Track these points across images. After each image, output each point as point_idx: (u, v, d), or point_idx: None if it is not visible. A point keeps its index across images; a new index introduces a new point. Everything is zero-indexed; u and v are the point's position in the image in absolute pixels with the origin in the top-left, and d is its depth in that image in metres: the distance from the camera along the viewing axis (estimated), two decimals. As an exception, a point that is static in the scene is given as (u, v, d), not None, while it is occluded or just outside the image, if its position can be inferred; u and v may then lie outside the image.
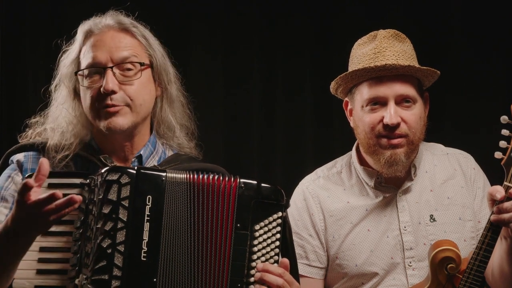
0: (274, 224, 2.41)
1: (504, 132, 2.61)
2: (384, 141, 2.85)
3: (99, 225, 2.31)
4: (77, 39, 2.64)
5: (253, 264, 2.39)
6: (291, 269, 2.45)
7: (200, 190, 2.39)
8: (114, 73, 2.55)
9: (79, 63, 2.61)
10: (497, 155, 2.61)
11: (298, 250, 2.94)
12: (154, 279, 2.32)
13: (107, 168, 2.36)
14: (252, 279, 2.39)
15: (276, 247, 2.42)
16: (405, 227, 2.93)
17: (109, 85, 2.53)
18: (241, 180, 2.42)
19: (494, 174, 2.80)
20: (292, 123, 4.23)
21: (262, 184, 2.43)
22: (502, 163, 2.61)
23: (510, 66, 4.14)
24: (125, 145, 2.64)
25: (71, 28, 2.69)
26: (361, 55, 2.89)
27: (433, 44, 4.11)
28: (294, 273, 2.47)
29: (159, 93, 2.69)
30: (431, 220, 2.93)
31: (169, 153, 2.73)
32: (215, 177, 2.41)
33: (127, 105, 2.56)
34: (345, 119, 3.04)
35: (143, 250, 2.32)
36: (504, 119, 2.59)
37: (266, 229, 2.41)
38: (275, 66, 4.25)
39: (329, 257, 2.99)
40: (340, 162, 3.11)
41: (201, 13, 4.21)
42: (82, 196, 2.35)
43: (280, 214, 2.42)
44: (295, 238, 2.83)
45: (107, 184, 2.32)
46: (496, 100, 4.00)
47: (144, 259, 2.32)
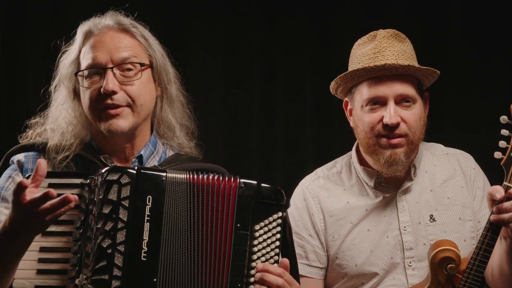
0: (274, 224, 2.41)
1: (504, 132, 2.61)
2: (384, 141, 2.85)
3: (99, 225, 2.31)
4: (77, 40, 2.64)
5: (253, 264, 2.39)
6: (291, 269, 2.45)
7: (200, 190, 2.39)
8: (114, 74, 2.55)
9: (79, 64, 2.60)
10: (497, 155, 2.62)
11: (298, 250, 2.93)
12: (154, 279, 2.32)
13: (107, 168, 2.36)
14: (252, 279, 2.39)
15: (276, 247, 2.42)
16: (405, 227, 2.93)
17: (109, 86, 2.53)
18: (241, 180, 2.42)
19: (494, 174, 2.79)
20: (292, 123, 4.23)
21: (262, 184, 2.43)
22: (502, 163, 2.61)
23: (510, 66, 4.14)
24: (126, 146, 2.64)
25: (71, 28, 2.69)
26: (361, 55, 2.89)
27: (433, 44, 4.11)
28: (294, 273, 2.47)
29: (159, 93, 2.69)
30: (431, 220, 2.93)
31: (170, 153, 2.73)
32: (215, 177, 2.41)
33: (128, 106, 2.56)
34: (345, 119, 3.04)
35: (143, 250, 2.32)
36: (504, 119, 2.59)
37: (266, 229, 2.41)
38: (275, 66, 4.25)
39: (329, 257, 2.99)
40: (340, 162, 3.11)
41: (201, 13, 4.21)
42: (82, 196, 2.37)
43: (280, 214, 2.42)
44: (295, 238, 2.82)
45: (107, 184, 2.32)
46: (496, 100, 3.99)
47: (144, 259, 2.32)
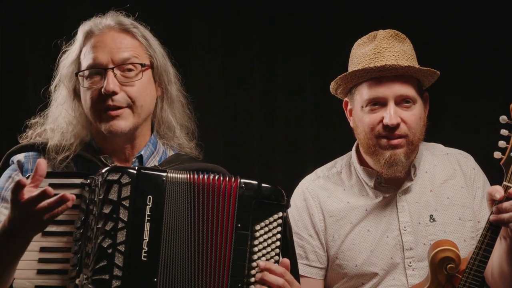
0: (275, 224, 2.41)
1: (504, 132, 2.61)
2: (384, 142, 2.85)
3: (100, 225, 2.30)
4: (77, 40, 2.64)
5: (254, 264, 2.39)
6: (292, 269, 2.44)
7: (201, 190, 2.39)
8: (115, 74, 2.55)
9: (80, 64, 2.60)
10: (497, 155, 2.62)
11: (298, 250, 2.93)
12: (155, 279, 2.32)
13: (108, 168, 2.36)
14: (253, 279, 2.38)
15: (277, 247, 2.41)
16: (405, 227, 2.93)
17: (110, 86, 2.53)
18: (242, 180, 2.42)
19: (494, 174, 2.80)
20: (292, 123, 4.23)
21: (263, 184, 2.43)
22: (502, 163, 2.62)
23: (510, 66, 4.14)
24: (126, 146, 2.64)
25: (71, 28, 2.69)
26: (361, 56, 2.89)
27: (433, 44, 4.11)
28: (295, 273, 2.47)
29: (159, 94, 2.69)
30: (431, 220, 2.93)
31: (170, 153, 2.73)
32: (216, 177, 2.41)
33: (129, 106, 2.56)
34: (345, 119, 3.04)
35: (144, 250, 2.32)
36: (504, 119, 2.59)
37: (267, 229, 2.41)
38: (275, 66, 4.25)
39: (329, 257, 2.99)
40: (340, 162, 3.12)
41: (201, 13, 4.21)
42: (83, 196, 2.37)
43: (281, 214, 2.42)
44: (295, 238, 2.82)
45: (108, 184, 2.32)
46: (496, 100, 3.99)
47: (145, 259, 2.32)
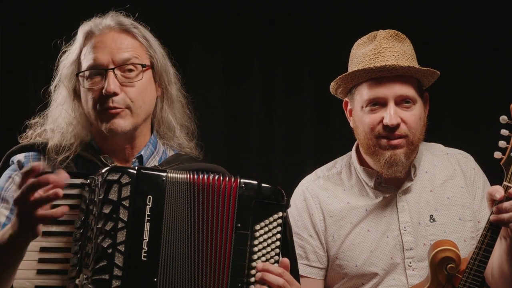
0: (275, 224, 2.41)
1: (504, 132, 2.61)
2: (384, 142, 2.85)
3: (100, 225, 2.30)
4: (78, 40, 2.63)
5: (254, 264, 2.39)
6: (292, 269, 2.44)
7: (201, 190, 2.39)
8: (116, 75, 2.55)
9: (80, 64, 2.60)
10: (497, 155, 2.62)
11: (298, 251, 2.93)
12: (155, 279, 2.32)
13: (108, 168, 2.36)
14: (253, 279, 2.38)
15: (277, 247, 2.41)
16: (405, 228, 2.93)
17: (111, 87, 2.52)
18: (242, 180, 2.42)
19: (494, 174, 2.80)
20: (292, 123, 4.23)
21: (263, 184, 2.43)
22: (502, 163, 2.61)
23: (510, 66, 4.14)
24: (126, 146, 2.64)
25: (71, 28, 2.69)
26: (361, 56, 2.89)
27: (433, 44, 4.11)
28: (295, 273, 2.47)
29: (159, 94, 2.69)
30: (431, 220, 2.93)
31: (170, 153, 2.73)
32: (216, 177, 2.41)
33: (128, 108, 2.56)
34: (345, 119, 3.04)
35: (144, 250, 2.32)
36: (504, 119, 2.59)
37: (267, 229, 2.40)
38: (275, 66, 4.25)
39: (329, 258, 2.99)
40: (340, 163, 3.11)
41: (201, 13, 4.21)
42: (83, 196, 2.37)
43: (281, 214, 2.42)
44: (295, 239, 2.82)
45: (108, 184, 2.32)
46: (496, 100, 4.00)
47: (145, 259, 2.32)
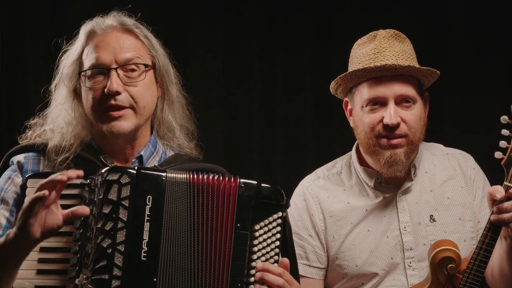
0: (274, 224, 2.41)
1: (504, 132, 2.61)
2: (384, 141, 2.85)
3: (99, 225, 2.31)
4: (79, 39, 2.63)
5: (253, 264, 2.39)
6: (291, 269, 2.44)
7: (200, 190, 2.39)
8: (118, 74, 2.55)
9: (82, 64, 2.60)
10: (497, 155, 2.62)
11: (298, 251, 2.93)
12: (154, 279, 2.32)
13: (108, 168, 2.36)
14: (252, 279, 2.38)
15: (276, 247, 2.41)
16: (405, 228, 2.93)
17: (114, 86, 2.52)
18: (241, 180, 2.42)
19: (494, 174, 2.79)
20: (292, 123, 4.23)
21: (262, 184, 2.43)
22: (502, 163, 2.62)
23: (510, 66, 4.14)
24: (126, 147, 2.64)
25: (71, 28, 2.69)
26: (361, 55, 2.89)
27: (433, 44, 4.11)
28: (294, 273, 2.47)
29: (160, 94, 2.69)
30: (431, 220, 2.93)
31: (170, 154, 2.73)
32: (215, 177, 2.41)
33: (131, 107, 2.56)
34: (345, 119, 3.04)
35: (143, 250, 2.32)
36: (504, 119, 2.59)
37: (266, 229, 2.41)
38: (275, 66, 4.25)
39: (329, 258, 2.99)
40: (340, 163, 3.11)
41: (201, 13, 4.21)
42: (83, 196, 2.38)
43: (280, 214, 2.42)
44: (295, 239, 2.83)
45: (107, 184, 2.32)
46: (496, 100, 3.98)
47: (144, 259, 2.32)
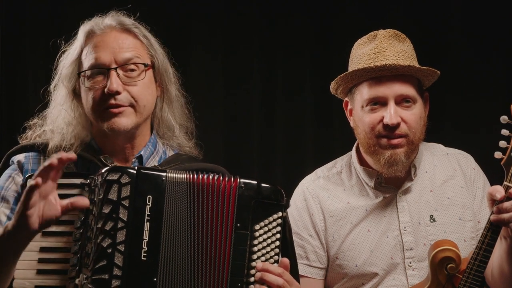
0: (274, 224, 2.41)
1: (504, 132, 2.61)
2: (384, 141, 2.85)
3: (99, 225, 2.31)
4: (78, 40, 2.64)
5: (253, 264, 2.39)
6: (291, 269, 2.45)
7: (200, 190, 2.39)
8: (118, 74, 2.55)
9: (81, 64, 2.60)
10: (497, 155, 2.62)
11: (298, 251, 2.93)
12: (154, 279, 2.32)
13: (108, 168, 2.36)
14: (252, 279, 2.38)
15: (276, 247, 2.42)
16: (405, 228, 2.93)
17: (114, 86, 2.52)
18: (241, 180, 2.42)
19: (494, 174, 2.79)
20: (292, 123, 4.23)
21: (262, 184, 2.43)
22: (502, 163, 2.62)
23: (510, 66, 4.14)
24: (126, 146, 2.64)
25: (71, 28, 2.69)
26: (361, 55, 2.89)
27: (433, 44, 4.11)
28: (294, 273, 2.47)
29: (159, 93, 2.69)
30: (431, 220, 2.93)
31: (170, 153, 2.73)
32: (215, 177, 2.41)
33: (131, 106, 2.56)
34: (345, 119, 3.04)
35: (143, 250, 2.32)
36: (504, 119, 2.59)
37: (266, 229, 2.41)
38: (275, 66, 4.25)
39: (329, 258, 2.99)
40: (340, 163, 3.11)
41: (201, 13, 4.21)
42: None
43: (280, 214, 2.42)
44: (295, 239, 2.83)
45: (108, 184, 2.32)
46: (496, 100, 4.00)
47: (144, 259, 2.32)
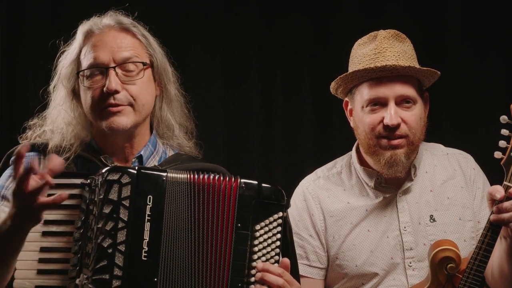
0: (275, 224, 2.41)
1: (504, 132, 2.61)
2: (384, 142, 2.85)
3: (100, 225, 2.31)
4: (77, 39, 2.64)
5: (254, 264, 2.39)
6: (292, 269, 2.44)
7: (201, 190, 2.39)
8: (117, 73, 2.55)
9: (80, 63, 2.60)
10: (497, 155, 2.62)
11: (299, 251, 2.93)
12: (155, 279, 2.32)
13: (108, 168, 2.36)
14: (253, 279, 2.38)
15: (277, 247, 2.41)
16: (405, 228, 2.93)
17: (112, 85, 2.53)
18: (242, 180, 2.42)
19: (494, 174, 2.80)
20: (291, 123, 4.24)
21: (263, 184, 2.43)
22: (502, 163, 2.62)
23: (509, 66, 4.15)
24: (126, 146, 2.64)
25: (71, 28, 2.69)
26: (361, 56, 2.89)
27: (432, 44, 4.12)
28: (295, 273, 2.47)
29: (158, 93, 2.70)
30: (431, 220, 2.94)
31: (170, 153, 2.73)
32: (216, 177, 2.41)
33: (130, 105, 2.56)
34: (345, 119, 3.04)
35: (144, 250, 2.32)
36: (504, 119, 2.59)
37: (267, 229, 2.41)
38: (274, 66, 4.25)
39: (329, 258, 2.99)
40: (340, 163, 3.11)
41: (200, 13, 4.21)
42: (83, 196, 2.38)
43: (281, 214, 2.42)
44: (296, 239, 2.82)
45: (108, 184, 2.32)
46: (495, 100, 3.99)
47: (145, 259, 2.32)
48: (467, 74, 4.15)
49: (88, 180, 2.38)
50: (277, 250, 2.42)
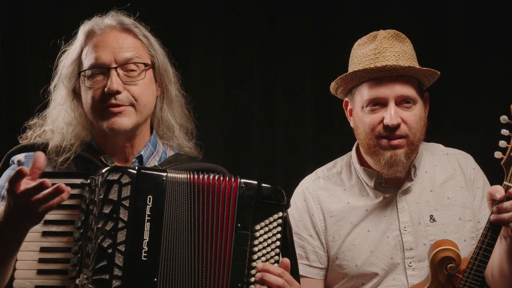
0: (275, 224, 2.41)
1: (504, 132, 2.61)
2: (384, 142, 2.85)
3: (100, 225, 2.31)
4: (78, 39, 2.64)
5: (254, 264, 2.39)
6: (292, 269, 2.44)
7: (201, 190, 2.39)
8: (118, 74, 2.55)
9: (81, 63, 2.60)
10: (497, 155, 2.62)
11: (299, 251, 2.93)
12: (155, 279, 2.32)
13: (108, 168, 2.36)
14: (253, 279, 2.38)
15: (277, 247, 2.41)
16: (405, 228, 2.93)
17: (114, 85, 2.53)
18: (242, 180, 2.42)
19: (494, 174, 2.80)
20: (292, 123, 4.23)
21: (263, 184, 2.43)
22: (502, 163, 2.62)
23: (510, 66, 4.14)
24: (126, 146, 2.64)
25: (71, 28, 2.69)
26: (362, 56, 2.89)
27: (433, 44, 4.11)
28: (295, 273, 2.47)
29: (159, 93, 2.70)
30: (431, 220, 2.93)
31: (170, 153, 2.73)
32: (216, 177, 2.41)
33: (132, 105, 2.56)
34: (345, 119, 3.04)
35: (144, 250, 2.32)
36: (504, 119, 2.59)
37: (267, 229, 2.41)
38: (275, 66, 4.25)
39: (329, 258, 2.99)
40: (340, 163, 3.11)
41: (201, 13, 4.21)
42: (83, 196, 2.37)
43: (281, 214, 2.42)
44: (295, 239, 2.82)
45: (108, 184, 2.32)
46: (496, 100, 3.98)
47: (145, 259, 2.32)
48: (469, 74, 4.15)
49: (88, 180, 2.37)
50: (277, 250, 2.42)
